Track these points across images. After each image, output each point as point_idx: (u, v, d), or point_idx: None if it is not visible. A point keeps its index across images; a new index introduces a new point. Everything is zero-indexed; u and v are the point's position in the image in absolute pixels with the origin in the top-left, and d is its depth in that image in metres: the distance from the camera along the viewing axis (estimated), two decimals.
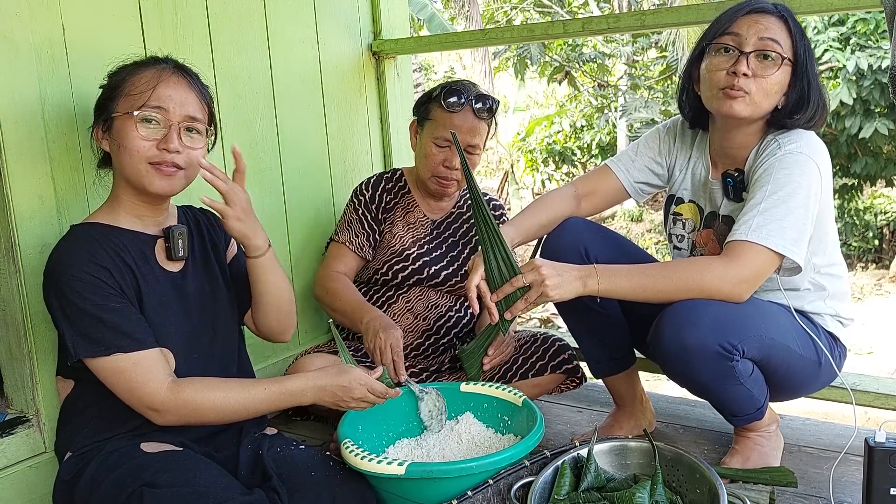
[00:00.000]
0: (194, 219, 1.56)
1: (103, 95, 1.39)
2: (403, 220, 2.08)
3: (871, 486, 1.30)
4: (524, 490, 1.40)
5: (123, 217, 1.41)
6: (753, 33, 1.50)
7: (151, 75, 1.37)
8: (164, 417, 1.31)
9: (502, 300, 1.53)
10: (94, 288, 1.29)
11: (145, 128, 1.35)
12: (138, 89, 1.35)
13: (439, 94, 1.97)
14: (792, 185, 1.47)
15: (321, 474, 1.39)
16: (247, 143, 2.04)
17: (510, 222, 1.69)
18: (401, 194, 2.10)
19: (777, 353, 1.51)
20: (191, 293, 1.47)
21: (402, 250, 2.03)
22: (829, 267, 1.63)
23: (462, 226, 2.12)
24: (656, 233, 12.03)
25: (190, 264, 1.49)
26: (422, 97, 2.06)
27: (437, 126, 1.97)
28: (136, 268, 1.38)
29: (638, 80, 11.86)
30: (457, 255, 2.08)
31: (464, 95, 1.95)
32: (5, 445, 1.52)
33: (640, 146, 1.80)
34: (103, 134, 1.39)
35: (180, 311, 1.44)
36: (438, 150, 1.97)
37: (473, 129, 1.96)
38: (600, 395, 2.17)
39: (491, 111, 1.99)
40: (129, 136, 1.34)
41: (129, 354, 1.29)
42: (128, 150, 1.35)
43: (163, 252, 1.45)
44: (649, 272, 1.50)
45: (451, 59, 16.85)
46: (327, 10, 2.29)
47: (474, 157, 1.99)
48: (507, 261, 1.51)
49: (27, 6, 1.49)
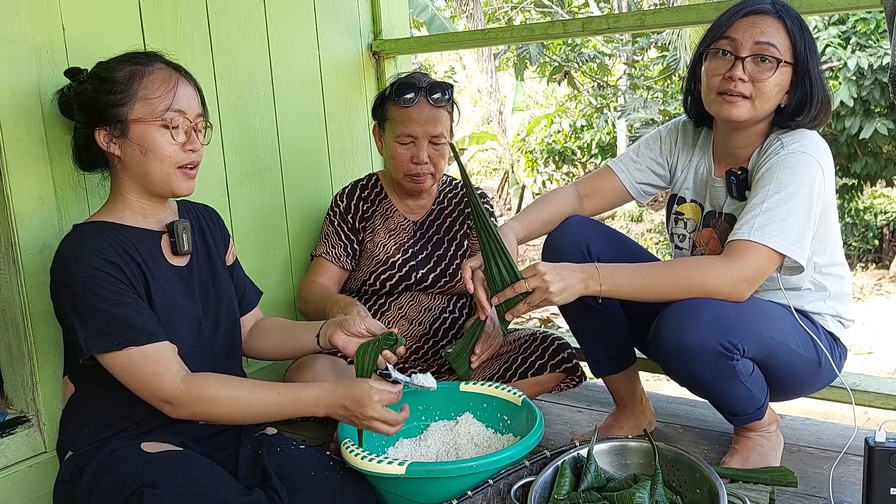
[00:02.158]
0: (195, 214, 1.57)
1: (105, 99, 1.36)
2: (384, 227, 2.05)
3: (871, 486, 1.30)
4: (524, 490, 1.40)
5: (128, 215, 1.41)
6: (749, 37, 1.50)
7: (163, 78, 1.37)
8: (178, 411, 1.32)
9: (503, 303, 1.53)
10: (104, 283, 1.29)
11: (175, 133, 1.36)
12: (156, 94, 1.35)
13: (392, 92, 1.95)
14: (795, 184, 1.47)
15: (321, 474, 1.39)
16: (247, 143, 2.04)
17: (514, 219, 1.69)
18: (378, 201, 2.08)
19: (777, 352, 1.51)
20: (196, 286, 1.48)
21: (387, 258, 2.01)
22: (831, 267, 1.63)
23: (445, 221, 2.10)
24: (656, 233, 12.03)
25: (195, 258, 1.50)
26: (377, 99, 2.05)
27: (395, 124, 1.94)
28: (144, 263, 1.38)
29: (638, 80, 11.85)
30: (443, 253, 2.05)
31: (416, 88, 1.92)
32: (5, 445, 1.52)
33: (642, 147, 1.80)
34: (114, 139, 1.37)
35: (187, 305, 1.44)
36: (403, 147, 1.94)
37: (432, 119, 1.92)
38: (600, 395, 2.17)
39: (447, 98, 1.95)
40: (159, 142, 1.35)
41: (142, 348, 1.30)
42: (157, 156, 1.36)
43: (168, 247, 1.45)
44: (650, 272, 1.50)
45: (451, 59, 16.86)
46: (327, 10, 2.29)
47: (442, 147, 1.96)
48: (507, 265, 1.50)
49: (27, 6, 1.49)
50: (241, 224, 2.03)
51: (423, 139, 1.92)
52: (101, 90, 1.36)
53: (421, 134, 1.92)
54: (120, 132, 1.36)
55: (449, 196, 2.13)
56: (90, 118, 1.38)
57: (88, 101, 1.38)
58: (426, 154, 1.93)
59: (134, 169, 1.38)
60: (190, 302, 1.45)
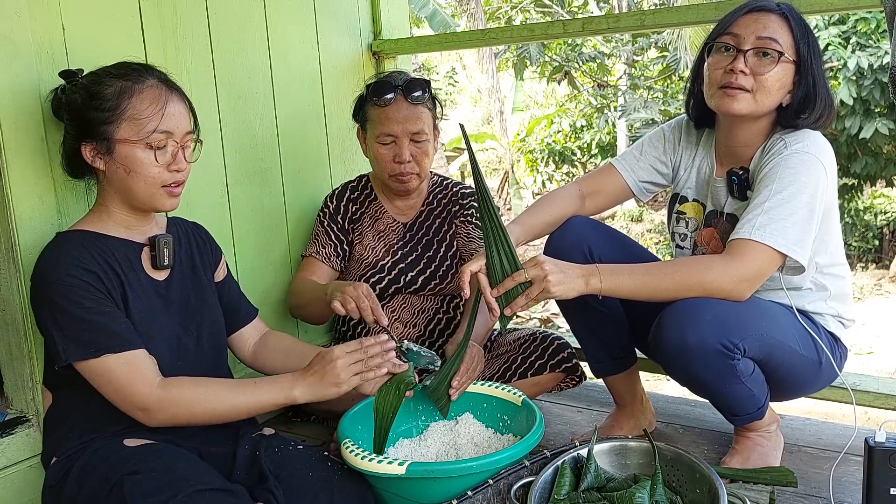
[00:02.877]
0: (184, 231, 1.57)
1: (93, 115, 1.34)
2: (373, 229, 2.05)
3: (871, 486, 1.30)
4: (524, 490, 1.40)
5: (111, 226, 1.41)
6: (752, 32, 1.50)
7: (153, 97, 1.35)
8: (154, 416, 1.31)
9: (502, 296, 1.53)
10: (82, 292, 1.30)
11: (160, 155, 1.35)
12: (144, 114, 1.34)
13: (369, 93, 1.95)
14: (797, 184, 1.47)
15: (319, 475, 1.39)
16: (247, 143, 2.04)
17: (515, 221, 1.69)
18: (367, 202, 2.08)
19: (778, 352, 1.51)
20: (175, 301, 1.47)
21: (376, 261, 2.01)
22: (832, 267, 1.63)
23: (434, 222, 2.09)
24: (656, 233, 12.03)
25: (176, 273, 1.49)
26: (356, 102, 2.04)
27: (375, 125, 1.94)
28: (123, 274, 1.38)
29: (637, 80, 11.85)
30: (433, 254, 2.04)
31: (393, 87, 1.91)
32: (5, 445, 1.52)
33: (645, 146, 1.80)
34: (99, 155, 1.36)
35: (165, 319, 1.44)
36: (385, 148, 1.94)
37: (411, 117, 1.91)
38: (600, 395, 2.17)
39: (426, 95, 1.94)
40: (143, 163, 1.35)
41: (119, 355, 1.30)
42: (142, 177, 1.35)
43: (149, 260, 1.45)
44: (651, 271, 1.50)
45: (451, 59, 16.86)
46: (327, 10, 2.29)
47: (424, 144, 1.94)
48: (509, 256, 1.50)
49: (27, 6, 1.49)
50: (241, 224, 2.02)
51: (404, 137, 1.91)
52: (90, 105, 1.35)
53: (401, 132, 1.91)
54: (105, 149, 1.35)
55: (438, 197, 2.11)
56: (78, 131, 1.37)
57: (77, 113, 1.37)
58: (408, 153, 1.92)
59: (119, 186, 1.38)
60: (167, 316, 1.45)
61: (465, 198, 2.09)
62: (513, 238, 1.57)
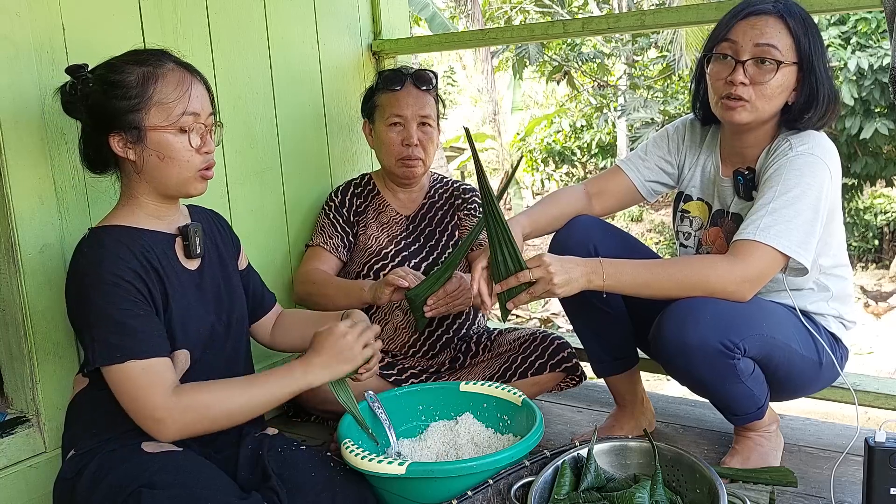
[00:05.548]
0: (206, 219, 1.56)
1: (118, 105, 1.31)
2: (377, 221, 2.10)
3: (871, 486, 1.30)
4: (524, 490, 1.40)
5: (143, 217, 1.39)
6: (749, 39, 1.50)
7: (177, 80, 1.34)
8: (168, 428, 1.28)
9: (505, 292, 1.52)
10: (123, 293, 1.28)
11: (193, 138, 1.35)
12: (171, 98, 1.33)
13: (380, 81, 2.06)
14: (802, 186, 1.47)
15: (321, 475, 1.39)
16: (247, 143, 2.04)
17: (523, 213, 1.69)
18: (371, 197, 2.14)
19: (778, 352, 1.51)
20: (208, 290, 1.47)
21: (380, 249, 2.05)
22: (834, 268, 1.63)
23: (436, 214, 2.14)
24: (656, 233, 12.03)
25: (207, 262, 1.49)
26: (365, 95, 2.13)
27: (385, 109, 2.03)
28: (162, 269, 1.37)
29: (637, 79, 11.85)
30: (435, 244, 2.09)
31: (403, 75, 2.04)
32: (5, 445, 1.52)
33: (650, 146, 1.80)
34: (129, 144, 1.34)
35: (201, 309, 1.44)
36: (394, 131, 2.02)
37: (420, 101, 2.02)
38: (600, 395, 2.17)
39: (432, 82, 2.06)
40: (176, 148, 1.34)
41: (143, 361, 1.27)
42: (177, 162, 1.35)
43: (182, 250, 1.44)
44: (654, 269, 1.50)
45: (451, 59, 16.86)
46: (327, 10, 2.29)
47: (430, 131, 2.04)
48: (513, 254, 1.50)
49: (27, 6, 1.49)
50: (242, 224, 2.02)
51: (413, 121, 2.00)
52: (114, 95, 1.31)
53: (410, 115, 2.00)
54: (136, 138, 1.33)
55: (440, 191, 2.17)
56: (102, 123, 1.34)
57: (99, 106, 1.34)
58: (416, 136, 2.00)
59: (152, 174, 1.36)
60: (202, 306, 1.44)
61: (466, 192, 2.17)
62: (519, 228, 1.58)
